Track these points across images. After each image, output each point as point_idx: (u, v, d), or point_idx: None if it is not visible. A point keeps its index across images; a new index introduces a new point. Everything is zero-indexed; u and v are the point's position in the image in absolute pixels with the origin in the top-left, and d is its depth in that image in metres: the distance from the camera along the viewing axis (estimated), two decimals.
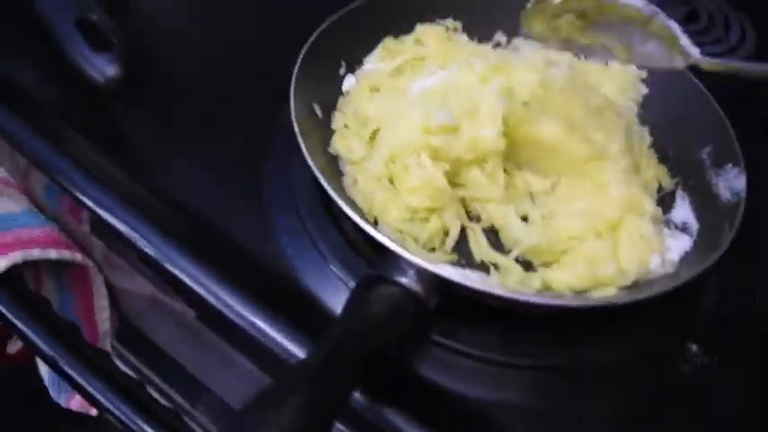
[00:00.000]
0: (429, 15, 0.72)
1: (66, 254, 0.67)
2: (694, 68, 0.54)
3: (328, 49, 0.64)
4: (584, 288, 0.52)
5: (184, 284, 0.53)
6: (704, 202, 0.61)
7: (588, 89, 0.68)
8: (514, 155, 0.59)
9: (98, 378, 0.58)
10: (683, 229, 0.61)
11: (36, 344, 0.59)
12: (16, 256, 0.63)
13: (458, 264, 0.56)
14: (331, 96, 0.65)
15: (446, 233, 0.57)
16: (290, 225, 0.58)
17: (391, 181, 0.58)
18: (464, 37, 0.73)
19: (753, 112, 0.75)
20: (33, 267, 0.69)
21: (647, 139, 0.67)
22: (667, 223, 0.61)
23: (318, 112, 0.61)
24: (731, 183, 0.60)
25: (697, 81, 0.67)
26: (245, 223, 0.59)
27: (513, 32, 0.74)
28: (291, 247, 0.58)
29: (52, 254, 0.66)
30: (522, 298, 0.48)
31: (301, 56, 0.61)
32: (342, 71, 0.67)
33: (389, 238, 0.54)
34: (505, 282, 0.53)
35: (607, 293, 0.52)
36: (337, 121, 0.63)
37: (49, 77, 0.62)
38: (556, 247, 0.55)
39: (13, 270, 0.64)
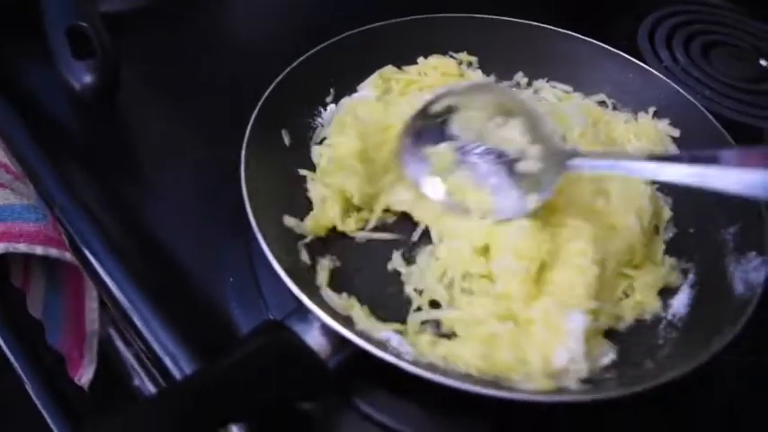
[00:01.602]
0: (442, 47, 0.67)
1: (54, 251, 0.68)
2: None
3: (315, 73, 0.61)
4: (482, 369, 0.45)
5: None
6: (710, 293, 0.51)
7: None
8: None
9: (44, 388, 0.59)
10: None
11: None
12: None
13: None
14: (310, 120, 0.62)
15: None
16: (237, 254, 0.55)
17: None
18: (478, 73, 0.67)
19: None
20: (23, 262, 0.71)
21: (667, 215, 0.58)
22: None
23: (286, 138, 0.58)
24: (749, 275, 0.50)
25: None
26: (197, 241, 0.57)
27: (535, 74, 0.67)
28: (234, 277, 0.55)
29: (38, 249, 0.67)
30: (425, 375, 0.41)
31: (276, 81, 0.58)
32: (329, 98, 0.63)
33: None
34: (416, 344, 0.47)
35: (537, 384, 0.43)
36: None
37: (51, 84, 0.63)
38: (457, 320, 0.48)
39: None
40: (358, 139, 0.57)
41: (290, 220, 0.53)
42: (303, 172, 0.57)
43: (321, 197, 0.55)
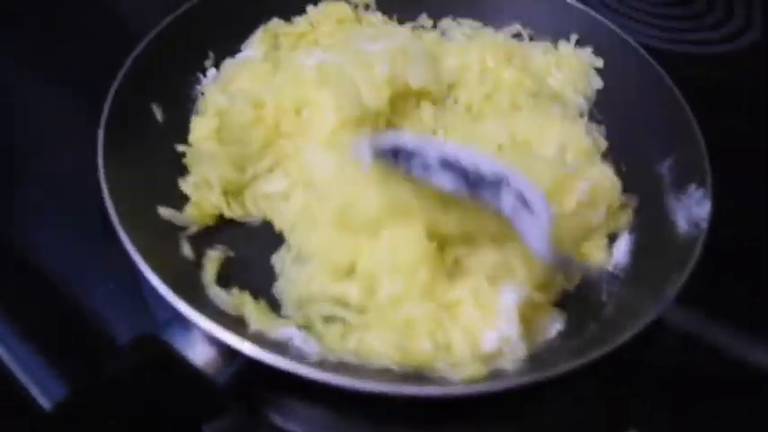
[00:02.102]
0: None
1: None
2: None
3: (188, 36, 0.52)
4: (396, 360, 0.38)
5: None
6: (652, 236, 0.46)
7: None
8: None
9: None
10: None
11: None
12: None
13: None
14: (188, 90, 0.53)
15: None
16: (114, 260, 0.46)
17: None
18: (377, 16, 0.59)
19: (727, 114, 0.58)
20: None
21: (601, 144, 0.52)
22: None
23: (159, 113, 0.49)
24: (692, 210, 0.44)
25: (663, 72, 0.51)
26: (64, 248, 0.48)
27: (440, 13, 0.60)
28: (113, 286, 0.46)
29: None
30: (330, 381, 0.35)
31: (138, 50, 0.49)
32: (209, 62, 0.55)
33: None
34: (323, 338, 0.40)
35: (464, 372, 0.37)
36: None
37: None
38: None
39: None
40: (216, 118, 0.49)
41: (165, 211, 0.45)
42: (182, 148, 0.49)
43: (194, 183, 0.47)
